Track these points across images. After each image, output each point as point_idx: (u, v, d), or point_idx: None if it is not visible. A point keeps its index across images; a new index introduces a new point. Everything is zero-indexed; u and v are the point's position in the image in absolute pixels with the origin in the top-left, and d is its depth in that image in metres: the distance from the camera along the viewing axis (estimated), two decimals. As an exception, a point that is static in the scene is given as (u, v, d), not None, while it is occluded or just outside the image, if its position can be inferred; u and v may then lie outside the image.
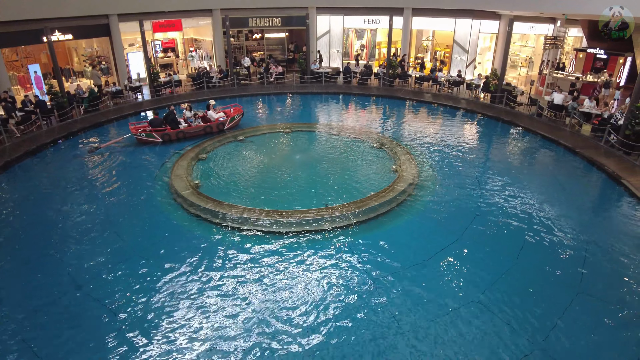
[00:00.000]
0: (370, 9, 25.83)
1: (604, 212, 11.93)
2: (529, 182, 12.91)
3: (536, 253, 9.35)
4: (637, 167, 13.37)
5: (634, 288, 8.28)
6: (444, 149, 15.33)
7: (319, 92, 23.08)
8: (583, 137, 16.18)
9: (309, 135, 16.68)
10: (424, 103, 21.50)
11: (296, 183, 12.29)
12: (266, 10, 25.81)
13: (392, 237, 9.76)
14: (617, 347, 6.95)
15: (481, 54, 27.18)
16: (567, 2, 20.13)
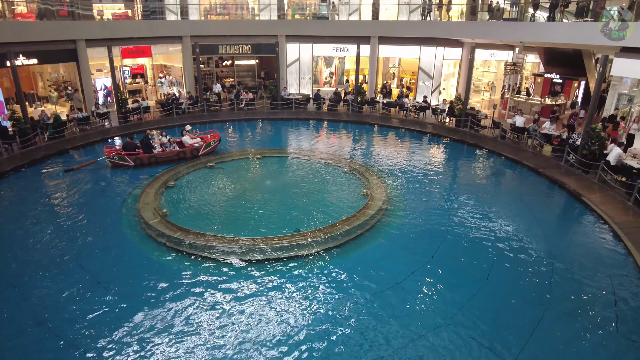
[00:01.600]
0: (338, 38, 26.50)
1: (567, 229, 12.40)
2: (495, 202, 13.31)
3: (505, 271, 9.57)
4: (596, 185, 14.03)
5: (599, 302, 8.56)
6: (413, 172, 15.66)
7: (290, 118, 23.32)
8: (544, 157, 16.90)
9: (280, 160, 16.77)
10: (392, 128, 22.00)
11: (267, 209, 12.23)
12: (236, 38, 26.15)
13: (363, 261, 9.81)
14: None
15: (445, 80, 28.13)
16: (523, 31, 21.25)
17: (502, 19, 22.94)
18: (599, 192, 13.47)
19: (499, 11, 23.54)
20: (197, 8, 27.36)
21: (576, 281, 9.27)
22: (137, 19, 25.35)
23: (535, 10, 22.45)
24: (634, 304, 8.52)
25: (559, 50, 26.48)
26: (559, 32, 19.84)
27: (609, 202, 12.72)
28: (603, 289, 8.99)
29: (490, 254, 10.25)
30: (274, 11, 26.88)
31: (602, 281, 9.27)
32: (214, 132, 18.14)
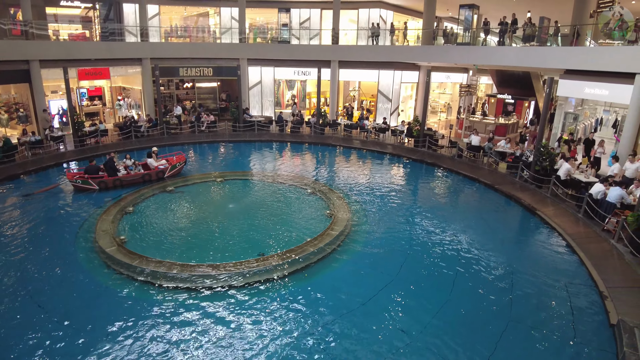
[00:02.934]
0: (299, 62, 26.91)
1: (524, 242, 12.86)
2: (455, 219, 13.66)
3: (468, 285, 9.77)
4: (549, 199, 14.70)
5: (557, 310, 8.85)
6: (375, 192, 15.89)
7: (252, 140, 23.27)
8: (500, 174, 17.59)
9: (243, 183, 16.60)
10: (353, 149, 22.35)
11: (230, 233, 11.98)
12: (197, 61, 26.08)
13: (329, 282, 9.75)
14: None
15: (404, 102, 28.99)
16: (476, 55, 22.29)
17: (456, 43, 24.02)
18: (551, 206, 14.11)
19: (453, 36, 24.67)
20: (157, 30, 27.28)
21: (535, 291, 9.58)
22: (96, 40, 24.93)
23: (487, 35, 23.68)
24: (588, 311, 8.87)
25: (509, 72, 27.93)
26: (508, 55, 20.97)
27: (561, 215, 13.34)
28: (560, 298, 9.33)
29: (453, 268, 10.44)
30: (236, 34, 27.07)
31: (559, 290, 9.63)
32: (179, 154, 17.88)
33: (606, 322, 8.43)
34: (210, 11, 30.55)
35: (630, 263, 10.32)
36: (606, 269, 10.12)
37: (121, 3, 26.69)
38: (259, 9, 30.09)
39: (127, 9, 27.13)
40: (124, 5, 26.89)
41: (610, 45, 19.93)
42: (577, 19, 19.72)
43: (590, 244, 11.40)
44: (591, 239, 11.69)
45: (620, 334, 7.71)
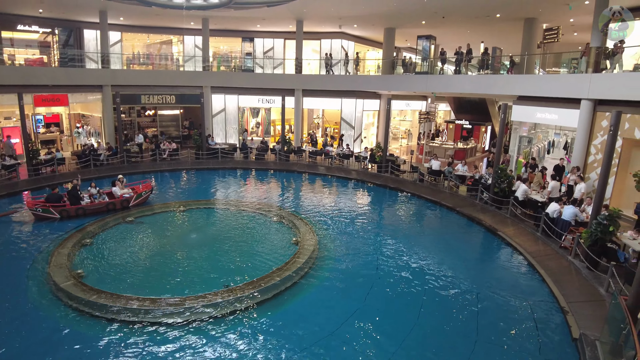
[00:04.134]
0: (264, 90, 27.11)
1: (487, 262, 13.13)
2: (420, 242, 13.82)
3: (435, 307, 9.79)
4: (508, 219, 15.15)
5: (522, 328, 8.98)
6: (341, 217, 15.90)
7: (216, 168, 22.97)
8: (461, 196, 18.04)
9: (206, 212, 16.20)
10: (318, 175, 22.44)
11: (193, 265, 11.52)
12: (160, 88, 25.81)
13: (297, 311, 9.52)
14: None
15: (366, 129, 29.60)
16: (434, 83, 23.15)
17: (414, 72, 24.91)
18: (512, 226, 14.54)
19: (412, 65, 25.60)
20: (119, 57, 26.88)
21: (500, 310, 9.72)
22: (54, 66, 24.27)
23: (444, 64, 24.72)
24: (552, 327, 9.06)
25: (466, 99, 29.14)
26: (464, 83, 21.92)
27: (521, 234, 13.75)
28: (524, 315, 9.50)
29: (419, 292, 10.47)
30: (199, 62, 27.08)
31: (523, 308, 9.81)
32: (145, 182, 17.39)
33: (569, 336, 8.62)
34: (174, 39, 30.53)
35: (587, 277, 10.68)
36: (565, 284, 10.43)
37: (82, 29, 26.27)
38: (223, 37, 30.36)
39: (88, 35, 26.72)
40: (84, 31, 26.48)
41: (556, 73, 21.24)
42: (526, 49, 20.95)
43: (549, 261, 11.76)
44: (550, 256, 12.07)
45: (583, 348, 7.88)
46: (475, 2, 18.95)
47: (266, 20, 25.65)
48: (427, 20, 23.44)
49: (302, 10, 22.74)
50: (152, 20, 25.74)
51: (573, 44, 26.27)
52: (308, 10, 22.57)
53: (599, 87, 15.49)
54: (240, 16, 24.14)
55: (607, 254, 10.93)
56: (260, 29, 28.55)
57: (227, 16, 24.21)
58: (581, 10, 18.52)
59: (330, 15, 23.59)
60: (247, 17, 24.33)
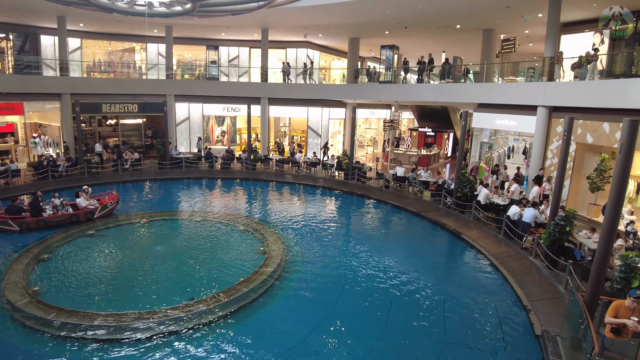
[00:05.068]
0: (229, 98, 26.89)
1: (452, 265, 13.34)
2: (386, 247, 13.95)
3: (403, 313, 9.85)
4: (472, 223, 15.53)
5: (488, 328, 9.17)
6: (309, 225, 15.86)
7: (180, 178, 22.50)
8: (425, 202, 18.39)
9: (171, 223, 15.72)
10: (286, 184, 22.36)
11: (158, 278, 11.13)
12: (121, 97, 25.13)
13: (266, 322, 9.34)
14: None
15: (333, 137, 29.81)
16: (397, 92, 23.61)
17: (378, 81, 25.34)
18: (475, 229, 14.92)
19: (376, 75, 26.04)
20: (78, 65, 26.04)
21: (466, 311, 9.91)
22: (8, 73, 23.23)
23: (406, 73, 25.26)
24: (515, 325, 9.31)
25: (429, 107, 29.87)
26: (427, 92, 22.47)
27: (484, 237, 14.12)
28: (489, 315, 9.72)
29: (387, 296, 10.53)
30: (163, 70, 26.58)
31: (487, 308, 10.05)
32: (111, 193, 16.79)
33: (532, 333, 8.87)
34: (137, 47, 29.92)
35: (547, 276, 11.06)
36: (527, 284, 10.76)
37: (38, 34, 25.31)
38: (187, 45, 30.01)
39: (45, 41, 25.79)
40: (41, 37, 25.52)
41: (514, 81, 22.10)
42: (486, 59, 21.72)
43: (511, 262, 12.11)
44: (512, 257, 12.43)
45: (545, 344, 8.12)
46: (436, 14, 19.55)
47: (231, 29, 25.54)
48: (390, 31, 23.96)
49: (267, 19, 22.79)
50: (114, 27, 25.13)
51: (529, 53, 27.47)
52: (273, 19, 22.63)
53: (553, 95, 16.24)
54: (205, 24, 23.94)
55: (565, 253, 11.37)
56: (226, 37, 28.40)
57: (191, 24, 23.96)
58: (535, 22, 19.44)
59: (296, 24, 23.74)
60: (212, 25, 24.15)
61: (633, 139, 7.18)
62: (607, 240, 7.75)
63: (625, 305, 6.74)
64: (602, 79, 15.46)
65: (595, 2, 16.12)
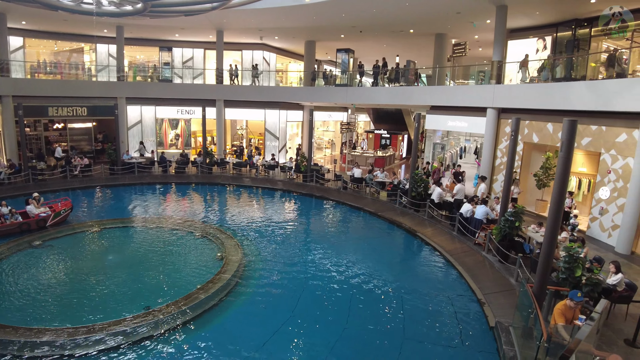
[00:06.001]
0: (183, 100, 26.29)
1: (409, 262, 13.70)
2: (345, 247, 14.08)
3: (363, 310, 9.96)
4: (426, 221, 15.97)
5: (445, 322, 9.43)
6: (268, 228, 15.74)
7: (133, 184, 21.72)
8: (382, 202, 18.73)
9: (124, 231, 15.08)
10: (244, 187, 22.11)
11: (111, 288, 10.63)
12: (69, 100, 23.95)
13: (225, 328, 9.16)
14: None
15: (290, 139, 29.78)
16: (353, 95, 23.90)
17: (335, 84, 25.58)
18: (429, 227, 15.34)
19: (332, 77, 26.27)
20: (21, 65, 24.60)
21: (423, 306, 10.15)
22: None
23: (362, 77, 25.66)
24: (471, 318, 9.63)
25: (384, 110, 30.46)
26: (381, 95, 22.92)
27: (438, 235, 14.54)
28: (445, 310, 10.01)
29: (347, 296, 10.62)
30: (113, 72, 25.63)
31: (444, 303, 10.34)
32: (65, 199, 15.90)
33: (486, 325, 9.22)
34: (85, 47, 28.67)
35: (499, 270, 11.53)
36: (481, 278, 11.18)
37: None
38: (139, 46, 29.12)
39: (-19, 40, 24.17)
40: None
41: (465, 84, 22.93)
42: (438, 62, 22.43)
43: (465, 257, 12.54)
44: (466, 253, 12.87)
45: (499, 334, 8.46)
46: (390, 19, 19.99)
47: (185, 30, 25.02)
48: (346, 34, 24.27)
49: (222, 21, 22.50)
50: (60, 25, 23.95)
51: (479, 57, 28.61)
52: (228, 20, 22.37)
53: (501, 97, 16.99)
54: (158, 25, 23.31)
55: (515, 247, 11.89)
56: (179, 39, 27.78)
57: (143, 24, 23.26)
58: (484, 28, 20.30)
59: (251, 26, 23.58)
60: (165, 26, 23.56)
61: (572, 138, 7.63)
62: (552, 233, 8.17)
63: (567, 306, 7.26)
64: (547, 82, 16.34)
65: (538, 10, 17.07)
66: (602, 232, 14.02)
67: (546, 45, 18.90)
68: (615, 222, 13.50)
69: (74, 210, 16.33)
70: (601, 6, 15.72)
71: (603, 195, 13.96)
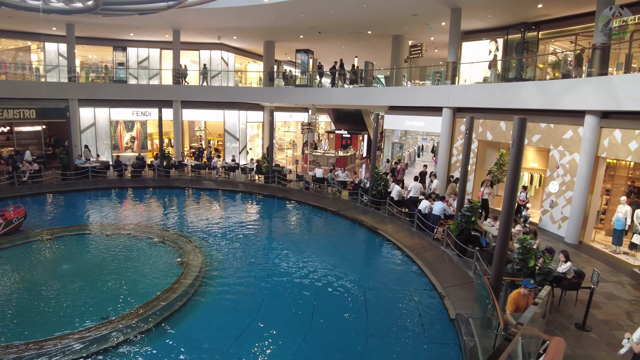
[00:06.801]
0: (138, 102, 25.51)
1: (371, 259, 13.91)
2: (308, 247, 14.10)
3: (327, 309, 10.02)
4: (387, 218, 16.27)
5: (408, 317, 9.63)
6: (229, 232, 15.51)
7: (87, 189, 20.84)
8: (344, 201, 18.94)
9: (78, 239, 14.39)
10: (203, 190, 21.71)
11: (65, 299, 10.13)
12: (15, 101, 22.72)
13: (188, 335, 8.93)
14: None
15: (251, 140, 29.52)
16: (313, 95, 24.01)
17: (295, 85, 25.59)
18: (390, 224, 15.63)
19: (292, 78, 26.27)
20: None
21: (386, 303, 10.33)
22: None
23: (321, 77, 25.80)
24: (432, 311, 9.90)
25: (344, 110, 30.73)
26: (341, 95, 23.12)
27: (399, 231, 14.85)
28: (408, 305, 10.23)
29: (311, 296, 10.64)
30: (64, 72, 24.51)
31: (406, 298, 10.56)
32: (17, 207, 14.94)
33: (447, 317, 9.50)
34: (33, 46, 27.25)
35: (458, 263, 11.92)
36: (440, 272, 11.51)
37: None
38: (92, 46, 28.02)
39: None
40: None
41: (423, 85, 23.51)
42: (395, 63, 22.87)
43: (425, 252, 12.87)
44: (425, 248, 13.22)
45: (459, 326, 8.74)
46: (348, 20, 20.22)
47: (140, 29, 24.30)
48: (305, 35, 24.33)
49: (178, 20, 22.02)
50: (5, 22, 22.66)
51: (435, 59, 29.41)
52: (185, 20, 21.92)
53: (456, 97, 17.55)
54: (111, 23, 22.51)
55: (472, 241, 12.31)
56: (134, 38, 26.96)
57: (95, 23, 22.38)
58: (439, 30, 20.89)
59: (209, 26, 23.21)
60: (119, 24, 22.79)
61: (522, 135, 7.98)
62: (506, 226, 8.51)
63: (521, 294, 7.62)
64: (498, 82, 17.01)
65: (490, 13, 17.75)
66: (552, 223, 14.76)
67: (498, 47, 19.69)
68: (564, 214, 14.25)
69: (27, 219, 15.48)
70: (547, 11, 16.60)
71: (553, 189, 14.69)
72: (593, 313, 9.23)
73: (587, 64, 13.76)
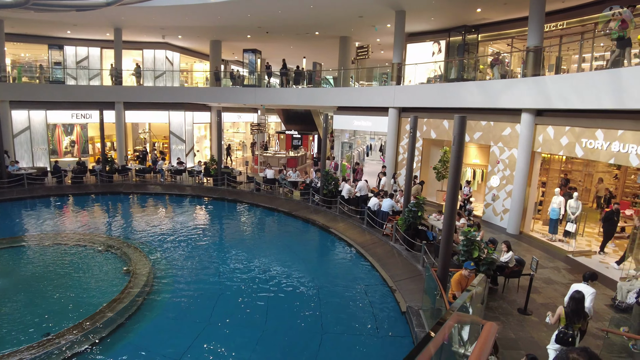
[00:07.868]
0: (78, 103, 24.22)
1: (324, 257, 14.10)
2: (261, 249, 14.03)
3: (281, 310, 10.02)
4: (338, 217, 16.50)
5: (361, 313, 9.83)
6: (178, 237, 15.08)
7: (22, 198, 19.52)
8: (295, 201, 18.99)
9: (13, 252, 13.43)
10: (149, 195, 21.01)
11: (2, 317, 9.45)
12: None
13: (138, 346, 8.60)
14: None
15: (198, 142, 28.88)
16: (262, 96, 23.88)
17: (242, 85, 25.31)
18: (341, 222, 15.87)
19: (240, 78, 25.95)
20: None
21: (340, 300, 10.48)
22: None
23: (270, 78, 25.69)
24: (384, 306, 10.17)
25: (294, 110, 30.78)
26: (290, 96, 23.15)
27: (350, 229, 15.11)
28: (361, 300, 10.45)
29: (264, 298, 10.57)
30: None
31: (359, 294, 10.78)
32: None
33: (399, 310, 9.81)
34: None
35: (407, 258, 12.29)
36: (391, 267, 11.84)
37: None
38: (25, 43, 26.24)
39: None
40: None
41: (369, 86, 24.01)
42: (343, 64, 23.20)
43: (375, 248, 13.19)
44: (376, 244, 13.54)
45: (411, 318, 9.04)
46: (295, 21, 20.28)
47: (78, 27, 23.08)
48: (252, 35, 24.13)
49: (119, 18, 21.14)
50: None
51: (381, 60, 30.10)
52: (127, 18, 21.09)
53: (401, 97, 18.08)
54: (46, 20, 21.21)
55: (419, 235, 12.74)
56: (72, 36, 25.55)
57: (27, 18, 20.99)
58: (385, 32, 21.42)
59: (152, 24, 22.47)
60: (55, 21, 21.52)
61: (463, 132, 8.39)
62: (450, 219, 8.90)
63: (463, 275, 8.13)
64: (441, 83, 17.69)
65: (433, 16, 18.44)
66: (494, 215, 15.57)
67: (441, 49, 20.50)
68: (506, 206, 15.08)
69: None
70: (486, 15, 17.50)
71: (494, 183, 15.50)
72: (533, 298, 9.84)
73: (522, 65, 14.63)
